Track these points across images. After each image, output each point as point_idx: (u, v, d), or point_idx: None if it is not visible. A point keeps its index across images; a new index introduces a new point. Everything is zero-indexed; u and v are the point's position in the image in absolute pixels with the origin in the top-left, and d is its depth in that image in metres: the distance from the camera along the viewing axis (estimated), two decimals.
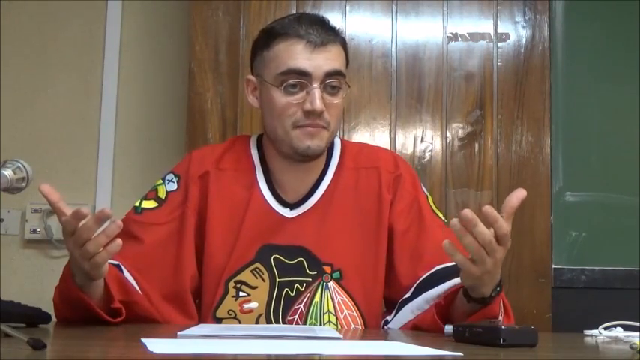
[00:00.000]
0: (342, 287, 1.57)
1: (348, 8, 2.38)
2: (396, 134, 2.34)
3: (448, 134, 2.33)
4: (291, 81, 1.52)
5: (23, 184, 1.23)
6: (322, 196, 1.62)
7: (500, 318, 1.39)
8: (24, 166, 1.23)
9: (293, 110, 1.53)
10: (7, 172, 1.20)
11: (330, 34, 1.56)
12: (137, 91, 2.60)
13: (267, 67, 1.56)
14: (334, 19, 2.35)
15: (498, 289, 1.34)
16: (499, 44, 2.37)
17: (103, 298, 1.40)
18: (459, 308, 1.38)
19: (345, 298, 1.57)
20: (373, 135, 2.33)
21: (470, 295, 1.34)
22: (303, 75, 1.52)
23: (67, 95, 2.59)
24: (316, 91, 1.52)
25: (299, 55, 1.52)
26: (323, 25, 1.57)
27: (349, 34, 2.35)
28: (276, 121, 1.55)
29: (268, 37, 1.57)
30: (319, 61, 1.52)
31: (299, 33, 1.53)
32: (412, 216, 1.62)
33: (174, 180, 1.63)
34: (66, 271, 1.39)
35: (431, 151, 2.33)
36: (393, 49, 2.36)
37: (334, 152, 1.66)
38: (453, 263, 1.49)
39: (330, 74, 1.53)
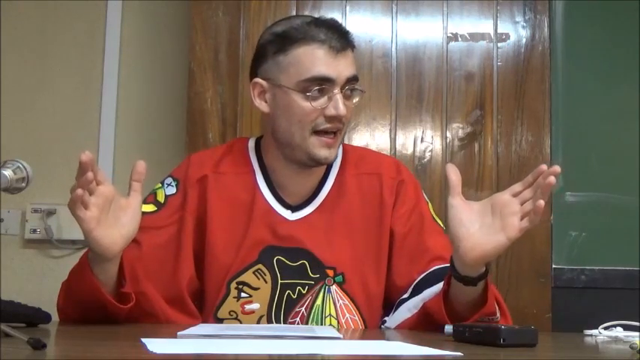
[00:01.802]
0: (345, 291, 1.58)
1: (348, 8, 2.38)
2: (396, 134, 2.34)
3: (448, 134, 2.33)
4: (316, 87, 1.52)
5: (23, 184, 1.23)
6: (324, 199, 1.62)
7: (498, 315, 1.40)
8: (24, 166, 1.23)
9: (315, 115, 1.53)
10: (7, 172, 1.20)
11: (346, 39, 1.57)
12: (137, 91, 2.60)
13: (285, 72, 1.54)
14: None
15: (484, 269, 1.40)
16: (499, 44, 2.37)
17: (114, 287, 1.42)
18: (458, 297, 1.42)
19: (347, 302, 1.58)
20: (373, 135, 2.33)
21: (462, 277, 1.39)
22: (327, 81, 1.52)
23: (67, 95, 2.59)
24: (339, 96, 1.52)
25: (322, 61, 1.52)
26: (340, 29, 1.57)
27: None
28: (295, 126, 1.54)
29: (284, 41, 1.55)
30: (341, 66, 1.53)
31: (320, 38, 1.53)
32: (413, 221, 1.63)
33: (173, 184, 1.63)
34: (81, 266, 1.40)
35: (431, 151, 2.33)
36: (393, 49, 2.36)
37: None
38: (441, 266, 1.53)
39: (350, 80, 1.55)
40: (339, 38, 1.54)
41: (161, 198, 1.62)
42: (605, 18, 2.45)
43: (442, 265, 1.54)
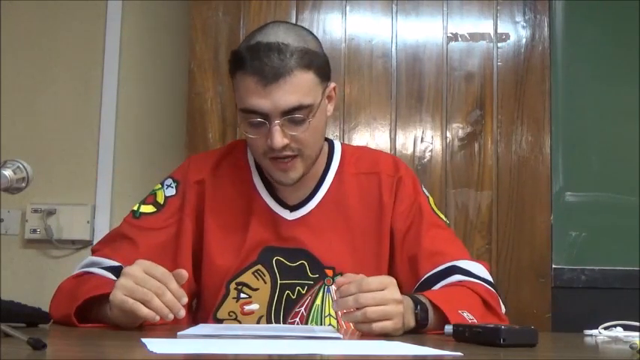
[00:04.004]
0: None
1: (348, 8, 2.38)
2: (396, 134, 2.34)
3: (448, 134, 2.33)
4: (251, 120, 1.48)
5: (23, 184, 1.23)
6: (322, 199, 1.62)
7: (474, 321, 1.38)
8: (24, 166, 1.23)
9: (260, 143, 1.50)
10: (7, 172, 1.20)
11: (287, 62, 1.44)
12: (137, 91, 2.60)
13: (236, 96, 1.53)
14: (334, 19, 2.36)
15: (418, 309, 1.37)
16: (499, 44, 2.37)
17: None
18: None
19: None
20: (373, 135, 2.33)
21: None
22: (259, 114, 1.47)
23: (67, 95, 2.59)
24: (275, 128, 1.45)
25: (253, 92, 1.45)
26: (280, 52, 1.44)
27: (349, 34, 2.35)
28: (250, 147, 1.57)
29: (232, 63, 1.51)
30: (274, 97, 1.44)
31: (254, 65, 1.44)
32: (412, 217, 1.62)
33: (173, 185, 1.63)
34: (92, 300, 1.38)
35: (431, 151, 2.33)
36: (393, 49, 2.36)
37: (334, 156, 1.66)
38: (440, 268, 1.54)
39: (287, 112, 1.46)
40: (275, 64, 1.43)
41: (161, 199, 1.62)
42: (605, 18, 2.45)
43: (431, 272, 1.54)
